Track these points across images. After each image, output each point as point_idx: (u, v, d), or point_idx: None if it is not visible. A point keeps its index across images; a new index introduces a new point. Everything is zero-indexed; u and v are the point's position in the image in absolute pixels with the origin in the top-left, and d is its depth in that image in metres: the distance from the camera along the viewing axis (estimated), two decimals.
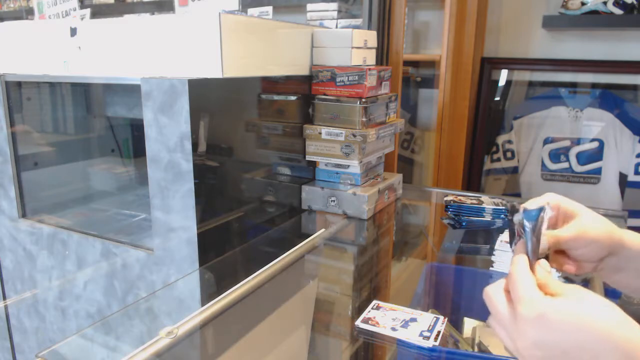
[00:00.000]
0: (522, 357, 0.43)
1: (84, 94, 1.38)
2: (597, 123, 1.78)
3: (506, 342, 0.46)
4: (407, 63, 1.97)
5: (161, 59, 0.92)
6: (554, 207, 0.58)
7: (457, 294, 0.96)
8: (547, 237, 0.55)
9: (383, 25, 1.35)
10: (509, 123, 1.91)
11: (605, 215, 0.63)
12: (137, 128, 1.45)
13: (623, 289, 0.61)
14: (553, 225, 0.59)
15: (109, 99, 1.32)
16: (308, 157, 1.16)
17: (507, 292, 0.46)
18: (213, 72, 0.87)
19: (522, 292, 0.43)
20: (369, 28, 1.33)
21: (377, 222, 1.14)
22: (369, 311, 0.72)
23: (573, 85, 1.82)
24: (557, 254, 0.59)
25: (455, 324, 0.80)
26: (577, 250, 0.57)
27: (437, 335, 0.65)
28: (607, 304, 0.41)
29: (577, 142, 1.81)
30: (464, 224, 1.09)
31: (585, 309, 0.40)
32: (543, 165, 1.87)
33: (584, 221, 0.57)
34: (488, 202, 1.12)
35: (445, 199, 1.16)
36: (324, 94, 1.12)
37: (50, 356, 0.64)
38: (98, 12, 2.31)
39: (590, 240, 0.56)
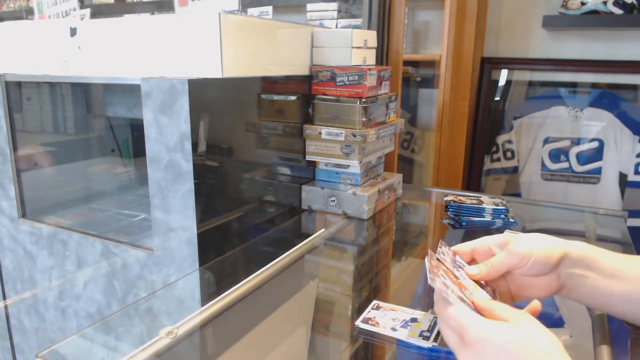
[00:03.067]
0: None
1: (84, 94, 1.38)
2: (597, 123, 1.78)
3: None
4: (407, 63, 1.97)
5: (161, 59, 0.92)
6: (486, 249, 0.62)
7: None
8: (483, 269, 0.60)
9: (383, 25, 1.35)
10: (509, 123, 1.91)
11: (605, 215, 0.64)
12: (137, 128, 1.45)
13: (595, 305, 0.62)
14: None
15: (109, 99, 1.32)
16: (308, 157, 1.16)
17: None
18: (213, 72, 0.87)
19: (464, 321, 0.47)
20: (369, 28, 1.33)
21: (377, 222, 1.14)
22: (369, 311, 0.72)
23: (573, 85, 1.82)
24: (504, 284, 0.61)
25: None
26: (520, 272, 0.59)
27: (437, 335, 0.65)
28: (543, 332, 0.45)
29: (577, 142, 1.81)
30: (464, 224, 1.09)
31: (522, 335, 0.44)
32: (543, 165, 1.87)
33: (512, 244, 0.60)
34: (488, 202, 1.12)
35: (445, 199, 1.16)
36: (324, 94, 1.12)
37: (50, 356, 0.64)
38: (98, 12, 2.31)
39: (523, 257, 0.58)
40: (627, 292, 0.57)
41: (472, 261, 0.64)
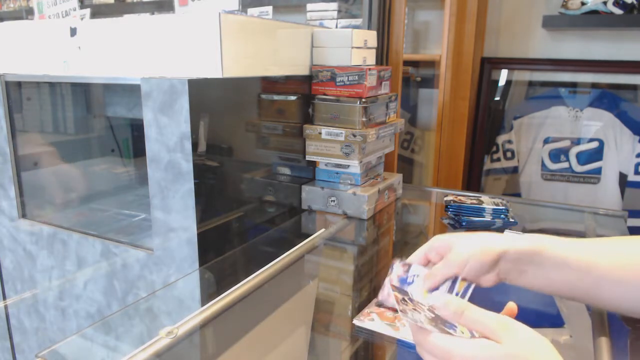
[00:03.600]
0: None
1: (84, 94, 1.38)
2: (597, 123, 1.78)
3: None
4: (407, 63, 1.97)
5: (161, 59, 0.92)
6: (440, 252, 0.65)
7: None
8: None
9: (383, 25, 1.35)
10: (509, 123, 1.91)
11: (605, 215, 0.64)
12: (137, 128, 1.45)
13: (537, 288, 0.64)
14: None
15: (109, 99, 1.32)
16: (308, 157, 1.16)
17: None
18: (213, 72, 0.87)
19: (449, 346, 0.47)
20: (369, 28, 1.33)
21: (377, 222, 1.14)
22: (369, 311, 0.72)
23: (573, 85, 1.82)
24: None
25: None
26: (464, 270, 0.62)
27: None
28: (527, 343, 0.45)
29: (577, 142, 1.81)
30: (464, 224, 1.09)
31: (507, 351, 0.44)
32: (543, 165, 1.87)
33: (450, 253, 0.63)
34: (488, 202, 1.12)
35: (445, 199, 1.16)
36: (324, 94, 1.12)
37: (50, 356, 0.64)
38: (98, 12, 2.31)
39: (458, 265, 0.62)
40: (568, 283, 0.59)
41: (428, 263, 0.68)
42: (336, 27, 1.48)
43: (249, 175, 1.02)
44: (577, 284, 0.59)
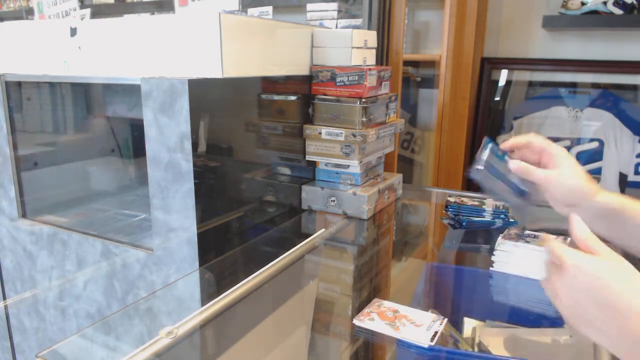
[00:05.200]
0: (560, 302, 0.52)
1: (84, 94, 1.38)
2: (597, 123, 1.78)
3: (548, 291, 0.55)
4: (407, 63, 1.97)
5: (161, 58, 0.92)
6: (537, 149, 0.72)
7: (457, 294, 0.96)
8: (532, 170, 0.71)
9: (383, 25, 1.35)
10: (509, 123, 1.91)
11: None
12: (137, 128, 1.45)
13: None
14: (536, 164, 0.72)
15: (109, 99, 1.32)
16: (308, 157, 1.16)
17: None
18: (213, 72, 0.87)
19: (562, 252, 0.53)
20: (369, 28, 1.33)
21: (377, 222, 1.14)
22: (369, 310, 0.72)
23: (573, 85, 1.82)
24: None
25: (455, 324, 0.80)
26: (549, 189, 0.70)
27: (436, 334, 0.65)
28: (634, 271, 0.50)
29: (577, 142, 1.81)
30: (464, 224, 1.09)
31: (615, 270, 0.49)
32: None
33: (563, 171, 0.70)
34: (489, 204, 1.12)
35: (448, 198, 1.16)
36: (324, 94, 1.12)
37: (50, 356, 0.64)
38: (98, 12, 2.31)
39: (565, 189, 0.69)
40: None
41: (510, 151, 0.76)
42: (336, 27, 1.47)
43: (249, 175, 1.02)
44: None
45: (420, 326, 0.68)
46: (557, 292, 0.53)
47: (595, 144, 1.79)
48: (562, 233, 0.83)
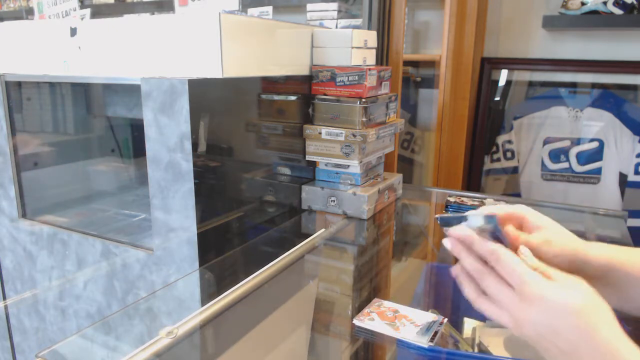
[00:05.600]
0: (522, 332, 0.49)
1: (84, 94, 1.38)
2: (597, 123, 1.78)
3: (504, 318, 0.51)
4: (407, 63, 1.97)
5: (161, 59, 0.92)
6: (518, 218, 0.64)
7: (457, 294, 0.96)
8: (520, 239, 0.60)
9: (383, 25, 1.35)
10: (509, 123, 1.91)
11: (605, 215, 0.64)
12: (137, 128, 1.45)
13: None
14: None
15: (109, 99, 1.32)
16: (308, 157, 1.16)
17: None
18: (213, 72, 0.87)
19: (525, 276, 0.49)
20: (369, 28, 1.33)
21: (377, 222, 1.14)
22: (369, 310, 0.72)
23: (573, 85, 1.82)
24: None
25: (455, 324, 0.80)
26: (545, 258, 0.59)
27: (436, 335, 0.65)
28: (595, 296, 0.47)
29: (577, 142, 1.81)
30: None
31: (578, 297, 0.47)
32: (543, 165, 1.87)
33: (549, 233, 0.61)
34: (490, 204, 1.12)
35: (448, 198, 1.16)
36: (324, 94, 1.12)
37: (50, 356, 0.64)
38: (98, 12, 2.31)
39: (557, 252, 0.59)
40: None
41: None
42: (336, 27, 1.47)
43: (249, 175, 1.02)
44: None
45: (420, 326, 0.68)
46: (519, 322, 0.49)
47: (595, 144, 1.79)
48: None
